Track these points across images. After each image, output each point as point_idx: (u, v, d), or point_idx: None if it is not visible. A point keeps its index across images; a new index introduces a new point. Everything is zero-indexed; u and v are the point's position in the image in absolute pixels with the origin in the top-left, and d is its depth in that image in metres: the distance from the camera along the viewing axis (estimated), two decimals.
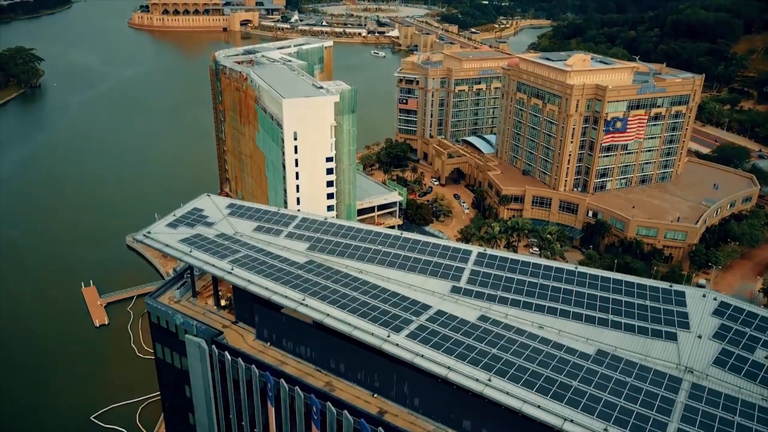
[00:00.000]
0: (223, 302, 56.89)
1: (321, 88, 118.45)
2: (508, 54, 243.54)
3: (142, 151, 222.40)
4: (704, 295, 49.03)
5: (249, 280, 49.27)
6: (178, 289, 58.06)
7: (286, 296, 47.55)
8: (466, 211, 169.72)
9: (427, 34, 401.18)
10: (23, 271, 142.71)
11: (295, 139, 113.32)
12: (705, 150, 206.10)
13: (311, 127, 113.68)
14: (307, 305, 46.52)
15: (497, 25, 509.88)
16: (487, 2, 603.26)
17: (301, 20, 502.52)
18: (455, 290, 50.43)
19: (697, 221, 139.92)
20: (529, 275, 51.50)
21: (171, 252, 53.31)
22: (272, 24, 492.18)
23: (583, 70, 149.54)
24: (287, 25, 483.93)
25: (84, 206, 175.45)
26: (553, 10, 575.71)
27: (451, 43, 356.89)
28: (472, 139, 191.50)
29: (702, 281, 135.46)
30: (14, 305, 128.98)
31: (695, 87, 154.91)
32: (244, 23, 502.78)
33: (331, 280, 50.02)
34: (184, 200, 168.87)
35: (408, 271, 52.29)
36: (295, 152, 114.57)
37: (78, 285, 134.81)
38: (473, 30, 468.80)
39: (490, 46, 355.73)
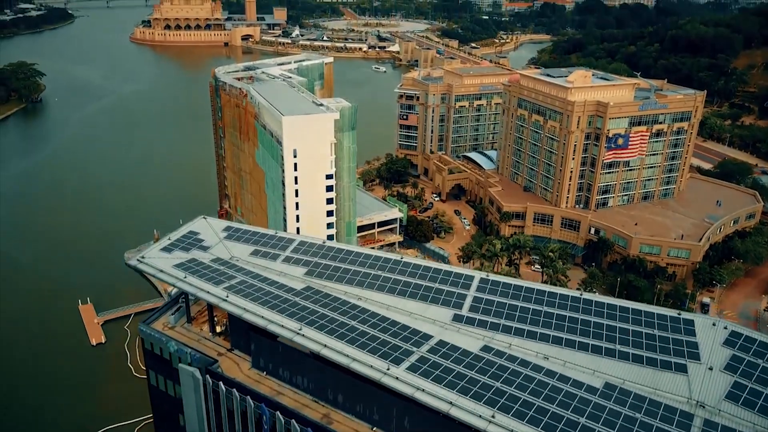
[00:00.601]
0: (218, 328, 55.37)
1: (321, 105, 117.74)
2: (509, 70, 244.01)
3: (142, 166, 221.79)
4: (714, 324, 47.48)
5: (244, 308, 47.79)
6: (172, 314, 56.56)
7: (282, 326, 46.03)
8: (467, 227, 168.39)
9: (428, 49, 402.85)
10: (20, 287, 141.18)
11: (295, 156, 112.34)
12: (707, 165, 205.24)
13: (311, 145, 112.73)
14: (304, 335, 45.01)
15: (497, 40, 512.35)
16: (487, 17, 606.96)
17: (302, 35, 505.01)
18: (457, 318, 48.89)
19: (701, 239, 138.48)
20: (533, 302, 49.96)
21: (165, 278, 51.89)
22: (273, 39, 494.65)
23: (584, 86, 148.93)
24: (288, 40, 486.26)
25: (83, 221, 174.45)
26: (553, 25, 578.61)
27: (451, 58, 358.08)
28: (473, 155, 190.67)
29: (706, 300, 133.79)
30: (9, 322, 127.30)
31: (697, 103, 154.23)
32: (246, 38, 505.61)
33: (329, 307, 48.52)
34: (184, 217, 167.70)
35: (408, 297, 50.76)
36: (295, 170, 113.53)
37: (75, 302, 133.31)
38: (473, 45, 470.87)
39: (491, 61, 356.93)
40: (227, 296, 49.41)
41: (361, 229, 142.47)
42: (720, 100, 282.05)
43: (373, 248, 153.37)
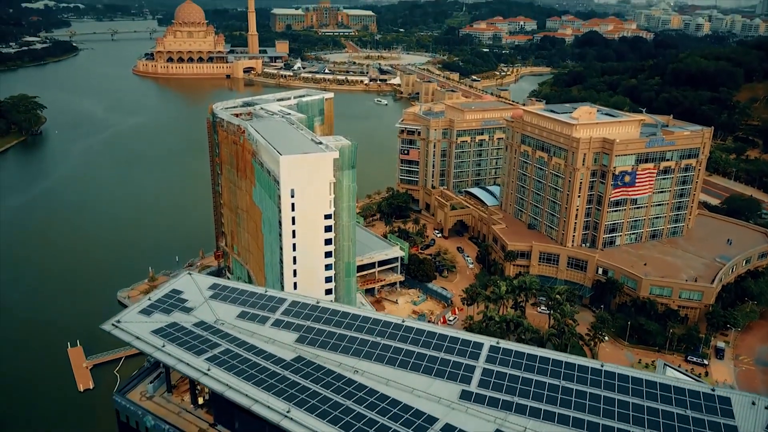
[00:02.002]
0: (200, 400, 50.26)
1: (320, 143, 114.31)
2: (511, 104, 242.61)
3: (139, 201, 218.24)
4: (753, 403, 42.37)
5: (227, 384, 42.77)
6: (151, 382, 51.54)
7: (268, 406, 40.94)
8: (471, 265, 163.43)
9: (429, 82, 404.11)
10: (8, 326, 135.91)
11: (293, 196, 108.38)
12: (713, 201, 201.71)
13: (309, 185, 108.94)
14: (292, 419, 39.92)
15: (498, 73, 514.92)
16: (487, 50, 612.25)
17: (303, 68, 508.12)
18: (465, 396, 43.74)
19: (713, 280, 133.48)
20: (550, 375, 44.88)
21: (141, 346, 47.08)
22: (275, 71, 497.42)
23: (589, 123, 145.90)
24: (290, 73, 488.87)
25: (78, 257, 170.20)
26: (553, 58, 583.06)
27: (452, 90, 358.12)
28: (475, 191, 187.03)
29: (721, 344, 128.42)
30: None
31: (704, 140, 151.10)
32: (248, 70, 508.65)
33: (321, 383, 43.45)
34: (180, 253, 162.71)
35: (411, 370, 45.66)
36: (292, 210, 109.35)
37: (64, 343, 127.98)
38: (474, 77, 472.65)
39: (492, 94, 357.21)
40: (209, 369, 44.43)
41: (360, 268, 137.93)
42: (724, 134, 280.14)
43: (373, 288, 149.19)
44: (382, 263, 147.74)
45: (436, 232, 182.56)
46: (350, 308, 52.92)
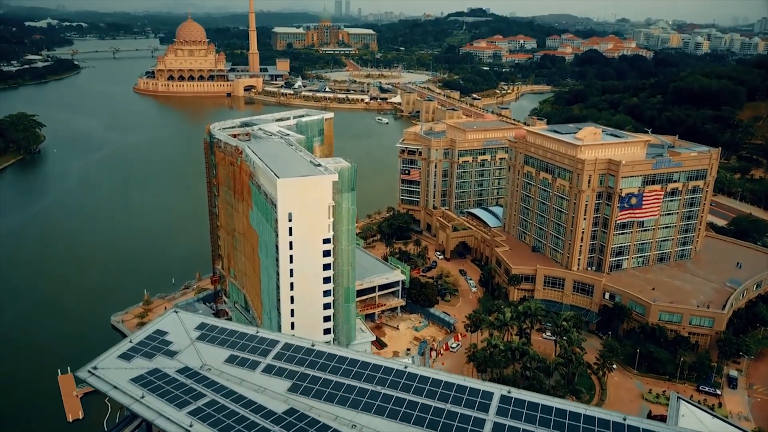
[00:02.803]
0: None
1: (319, 165, 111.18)
2: (513, 123, 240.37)
3: (136, 221, 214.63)
4: None
5: None
6: None
7: None
8: (474, 289, 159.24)
9: (429, 100, 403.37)
10: None
11: (290, 220, 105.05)
12: (719, 221, 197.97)
13: (307, 208, 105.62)
14: None
15: (498, 91, 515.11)
16: (488, 68, 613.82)
17: (304, 86, 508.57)
18: None
19: (724, 306, 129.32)
20: (567, 431, 40.83)
21: (118, 397, 43.05)
22: (276, 90, 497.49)
23: (594, 143, 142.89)
24: (291, 91, 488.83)
25: (71, 279, 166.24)
26: (553, 76, 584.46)
27: (453, 109, 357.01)
28: (477, 212, 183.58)
29: (733, 372, 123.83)
30: None
31: (712, 161, 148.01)
32: (248, 89, 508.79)
33: None
34: (177, 276, 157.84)
35: (414, 425, 41.58)
36: (290, 234, 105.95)
37: (54, 370, 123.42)
38: (475, 96, 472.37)
39: (492, 112, 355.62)
40: (191, 425, 40.45)
41: (360, 293, 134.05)
42: (727, 153, 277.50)
43: (373, 314, 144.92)
44: (382, 287, 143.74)
45: (438, 253, 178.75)
46: (348, 352, 48.95)
